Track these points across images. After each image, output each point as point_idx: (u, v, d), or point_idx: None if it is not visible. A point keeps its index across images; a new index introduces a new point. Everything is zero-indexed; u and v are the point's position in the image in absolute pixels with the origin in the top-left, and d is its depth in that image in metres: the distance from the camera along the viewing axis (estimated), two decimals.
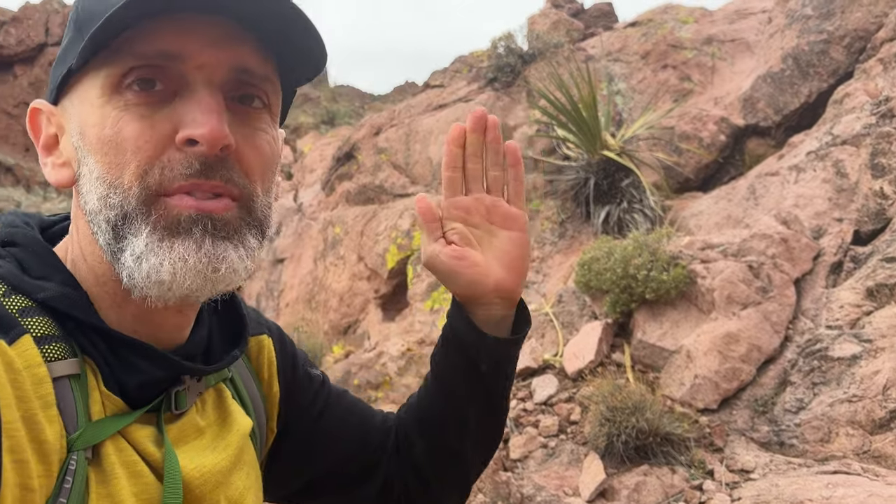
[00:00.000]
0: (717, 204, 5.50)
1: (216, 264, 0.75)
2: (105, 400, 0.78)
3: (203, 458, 0.86)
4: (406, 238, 6.09)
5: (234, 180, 0.77)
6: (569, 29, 7.62)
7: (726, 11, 7.20)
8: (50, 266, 0.81)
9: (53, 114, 0.83)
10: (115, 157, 0.75)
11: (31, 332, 0.74)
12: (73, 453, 0.73)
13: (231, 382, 1.00)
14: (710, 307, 4.19)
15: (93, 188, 0.76)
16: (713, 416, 3.80)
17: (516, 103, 6.79)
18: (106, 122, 0.75)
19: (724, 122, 6.16)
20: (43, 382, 0.72)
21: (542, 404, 3.94)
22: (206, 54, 0.76)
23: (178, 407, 0.86)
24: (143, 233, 0.74)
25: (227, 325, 0.98)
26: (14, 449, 0.67)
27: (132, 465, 0.78)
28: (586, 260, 4.54)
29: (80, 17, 0.79)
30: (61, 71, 0.80)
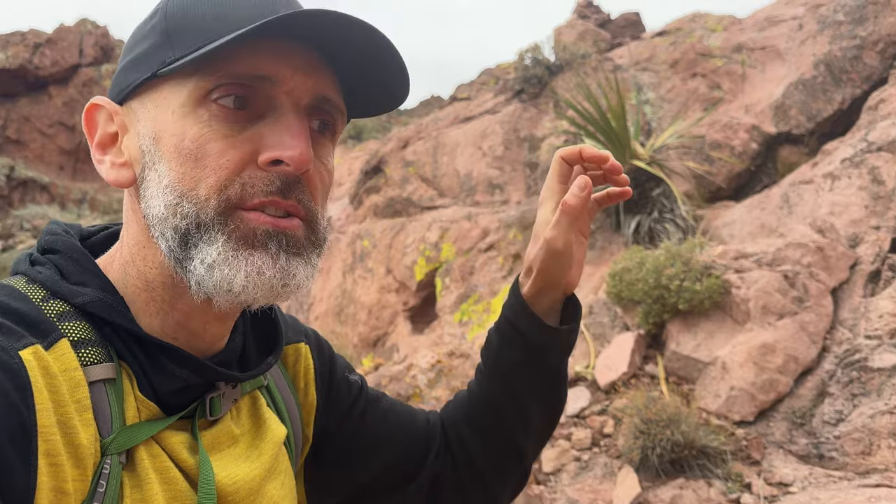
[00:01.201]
0: (750, 213, 5.42)
1: (287, 280, 0.77)
2: (140, 405, 0.79)
3: (236, 468, 0.86)
4: (434, 250, 6.08)
5: (304, 202, 0.80)
6: (596, 39, 7.59)
7: (756, 19, 7.12)
8: (88, 272, 0.82)
9: (117, 113, 0.83)
10: (193, 169, 0.76)
11: (69, 337, 0.75)
12: (108, 457, 0.73)
13: (266, 390, 1.00)
14: (746, 317, 4.12)
15: (160, 195, 0.77)
16: (750, 428, 3.73)
17: (543, 114, 6.77)
18: (187, 133, 0.76)
19: (755, 130, 6.09)
20: (79, 386, 0.73)
21: (575, 417, 3.89)
22: (296, 80, 0.78)
23: (212, 413, 0.86)
24: (218, 242, 0.75)
25: (262, 332, 0.98)
26: (50, 452, 0.67)
27: (165, 470, 0.78)
28: (617, 270, 4.49)
29: (171, 26, 0.79)
30: (139, 75, 0.80)
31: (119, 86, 0.83)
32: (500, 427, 1.12)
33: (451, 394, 4.36)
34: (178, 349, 0.81)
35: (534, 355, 1.07)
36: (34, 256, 0.84)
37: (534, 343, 1.06)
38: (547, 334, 1.06)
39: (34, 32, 24.51)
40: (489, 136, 6.78)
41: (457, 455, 1.14)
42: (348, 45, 0.79)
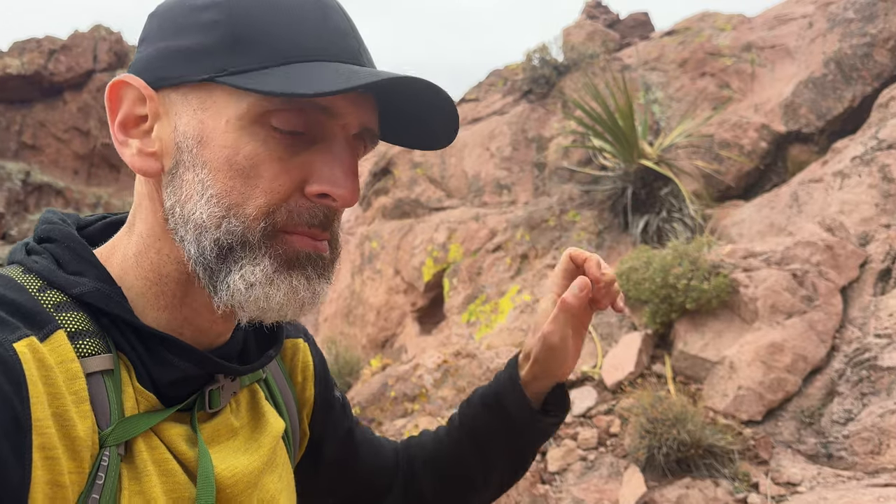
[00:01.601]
0: (759, 212, 5.39)
1: (315, 298, 0.80)
2: (138, 396, 0.78)
3: (235, 460, 0.86)
4: (442, 251, 6.08)
5: (334, 228, 0.82)
6: (604, 39, 7.57)
7: (765, 17, 7.08)
8: (85, 262, 0.81)
9: (152, 98, 0.80)
10: (242, 185, 0.75)
11: (65, 328, 0.74)
12: (106, 449, 0.73)
13: (265, 383, 1.01)
14: (754, 317, 4.09)
15: (205, 203, 0.76)
16: (758, 427, 3.70)
17: (551, 115, 6.76)
18: (240, 149, 0.75)
19: (765, 128, 6.05)
20: (76, 378, 0.72)
21: (581, 416, 3.88)
22: (351, 113, 0.79)
23: (211, 406, 0.86)
24: (263, 263, 0.76)
25: (262, 326, 0.97)
26: (45, 446, 0.67)
27: (163, 462, 0.78)
28: (624, 270, 4.47)
29: (237, 31, 0.76)
30: (192, 71, 0.77)
31: (160, 71, 0.79)
32: (459, 477, 1.18)
33: (458, 394, 4.36)
34: (177, 340, 0.80)
35: (513, 432, 1.13)
36: (30, 246, 0.83)
37: (517, 423, 1.12)
38: (532, 419, 1.12)
39: (49, 39, 24.75)
40: (497, 136, 6.77)
41: (410, 491, 1.20)
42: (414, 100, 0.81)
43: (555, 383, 1.14)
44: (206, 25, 0.77)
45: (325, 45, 0.77)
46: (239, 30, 0.76)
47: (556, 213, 5.77)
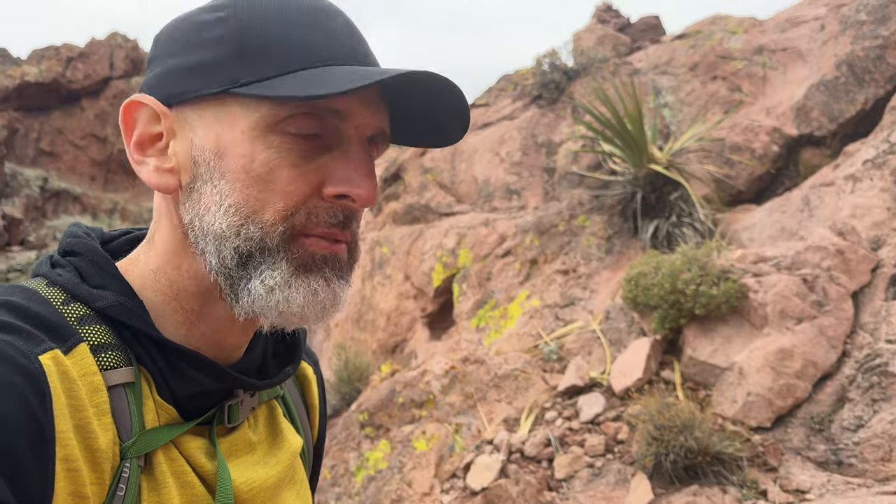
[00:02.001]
0: (770, 216, 5.35)
1: (335, 301, 0.80)
2: (159, 409, 0.79)
3: (253, 473, 0.87)
4: (451, 256, 6.08)
5: (353, 229, 0.82)
6: (615, 43, 7.55)
7: (777, 20, 7.04)
8: (108, 275, 0.82)
9: (166, 115, 0.81)
10: (260, 193, 0.76)
11: (88, 341, 0.75)
12: (127, 461, 0.74)
13: (282, 400, 1.01)
14: (763, 322, 4.06)
15: (223, 214, 0.77)
16: (767, 434, 3.67)
17: (561, 119, 6.75)
18: (257, 157, 0.76)
19: (776, 132, 6.01)
20: (98, 391, 0.73)
21: (589, 423, 3.86)
22: (364, 115, 0.79)
23: (230, 420, 0.86)
24: (280, 268, 0.77)
25: (282, 342, 0.99)
26: (67, 458, 0.68)
27: (183, 474, 0.79)
28: (633, 275, 4.45)
29: (246, 43, 0.77)
30: (204, 86, 0.78)
31: (172, 88, 0.80)
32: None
33: (465, 400, 4.36)
34: (197, 354, 0.81)
35: None
36: (55, 259, 0.84)
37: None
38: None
39: (67, 46, 25.02)
40: (507, 141, 6.77)
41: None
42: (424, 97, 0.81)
43: None
44: (215, 40, 0.78)
45: (334, 50, 0.78)
46: (248, 41, 0.77)
47: (565, 218, 5.76)
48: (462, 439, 3.85)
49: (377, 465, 3.91)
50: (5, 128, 22.60)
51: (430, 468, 3.71)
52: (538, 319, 5.02)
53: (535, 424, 3.90)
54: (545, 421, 3.92)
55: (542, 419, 3.95)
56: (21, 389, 0.65)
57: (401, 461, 3.84)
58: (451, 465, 3.66)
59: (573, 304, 5.06)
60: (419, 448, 3.82)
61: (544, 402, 4.07)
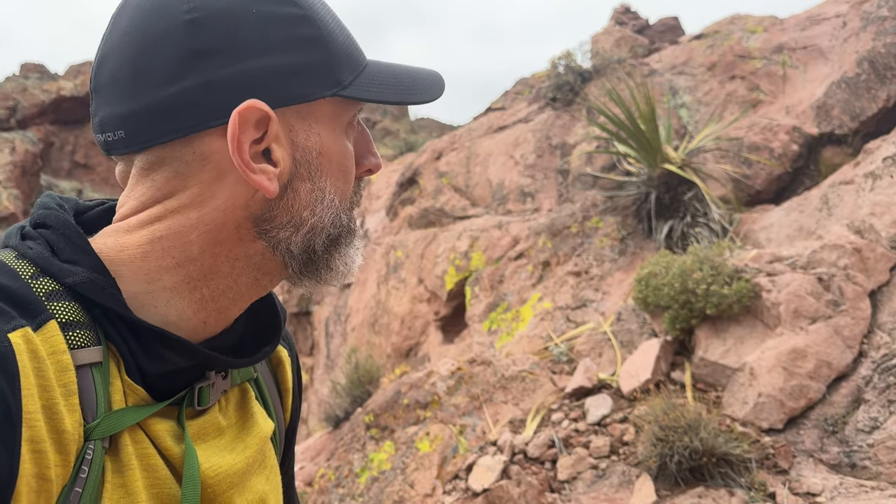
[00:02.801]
0: (788, 216, 5.23)
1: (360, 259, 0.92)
2: (127, 389, 0.77)
3: (220, 458, 0.85)
4: (464, 259, 6.05)
5: None
6: (633, 45, 7.48)
7: (798, 18, 6.92)
8: (80, 250, 0.79)
9: (274, 121, 0.78)
10: (345, 184, 0.86)
11: (57, 318, 0.73)
12: (91, 442, 0.72)
13: (255, 383, 0.99)
14: (777, 322, 3.96)
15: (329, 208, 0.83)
16: (778, 436, 3.57)
17: (576, 121, 6.69)
18: (346, 152, 0.85)
19: (796, 131, 5.89)
20: (66, 370, 0.71)
21: (596, 424, 3.79)
22: None
23: (201, 403, 0.84)
24: (356, 244, 0.89)
25: (261, 321, 0.96)
26: (33, 439, 0.66)
27: (147, 457, 0.77)
28: (643, 275, 4.38)
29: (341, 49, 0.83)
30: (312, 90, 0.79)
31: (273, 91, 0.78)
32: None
33: (471, 401, 4.31)
34: (168, 333, 0.78)
35: None
36: (25, 230, 0.81)
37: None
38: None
39: None
40: (521, 144, 6.73)
41: None
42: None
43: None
44: (308, 41, 0.80)
45: (360, 48, 0.88)
46: (332, 43, 0.82)
47: (578, 220, 5.69)
48: (466, 440, 3.80)
49: (381, 466, 3.88)
50: (42, 141, 23.15)
51: (433, 469, 3.67)
52: (549, 321, 4.96)
53: (541, 426, 3.84)
54: (551, 422, 3.86)
55: (549, 420, 3.89)
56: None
57: (404, 462, 3.80)
58: (454, 467, 3.62)
59: (585, 305, 4.99)
60: (423, 449, 3.78)
61: (551, 404, 4.02)
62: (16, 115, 22.96)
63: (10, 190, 19.63)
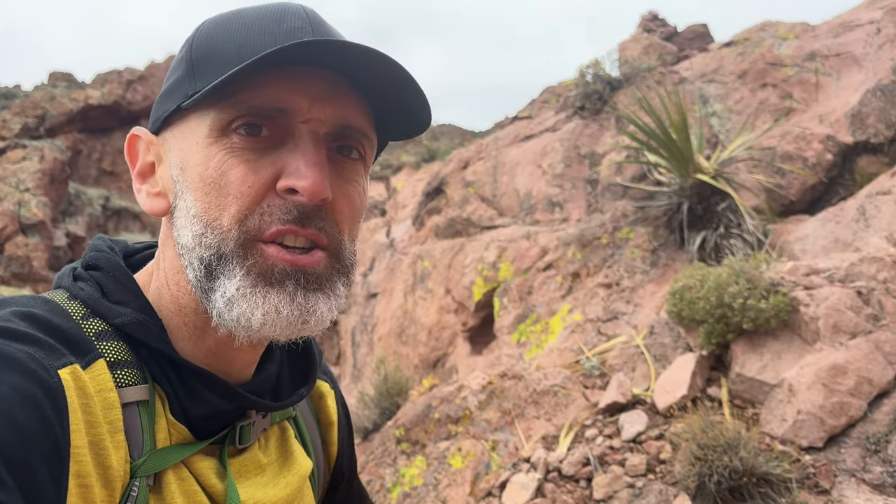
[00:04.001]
0: (823, 227, 5.14)
1: (306, 316, 0.77)
2: (171, 428, 0.80)
3: (262, 494, 0.87)
4: (492, 270, 6.01)
5: (327, 230, 0.79)
6: (661, 52, 7.41)
7: (830, 25, 6.81)
8: (129, 292, 0.83)
9: (153, 143, 0.85)
10: (216, 198, 0.77)
11: (106, 357, 0.76)
12: (136, 479, 0.74)
13: (294, 422, 1.02)
14: (815, 337, 3.87)
15: (188, 224, 0.78)
16: (818, 454, 3.49)
17: (605, 130, 6.63)
18: (210, 162, 0.77)
19: (830, 140, 5.79)
20: (113, 408, 0.73)
21: (631, 442, 3.73)
22: (315, 109, 0.78)
23: (241, 441, 0.87)
24: (236, 276, 0.76)
25: (296, 363, 0.99)
26: (80, 474, 0.68)
27: (192, 494, 0.79)
28: (678, 289, 4.31)
29: (195, 58, 0.81)
30: (168, 106, 0.82)
31: (153, 116, 0.85)
32: None
33: (503, 416, 4.26)
34: (212, 375, 0.81)
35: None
36: (77, 272, 0.85)
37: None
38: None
39: (129, 70, 25.87)
40: (549, 153, 6.68)
41: None
42: (365, 71, 0.79)
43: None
44: (178, 63, 0.83)
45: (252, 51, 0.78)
46: (197, 57, 0.80)
47: (608, 231, 5.63)
48: (499, 456, 3.76)
49: (412, 481, 3.85)
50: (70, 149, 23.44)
51: (466, 486, 3.64)
52: (580, 334, 4.91)
53: (575, 442, 3.79)
54: (585, 439, 3.81)
55: (582, 437, 3.83)
56: (40, 402, 0.65)
57: (436, 478, 3.77)
58: (487, 483, 3.58)
59: (616, 318, 4.93)
60: (455, 465, 3.75)
61: (584, 420, 3.96)
62: (44, 124, 23.28)
63: (38, 197, 19.88)
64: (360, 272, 8.04)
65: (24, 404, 0.64)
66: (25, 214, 19.20)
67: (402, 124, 0.88)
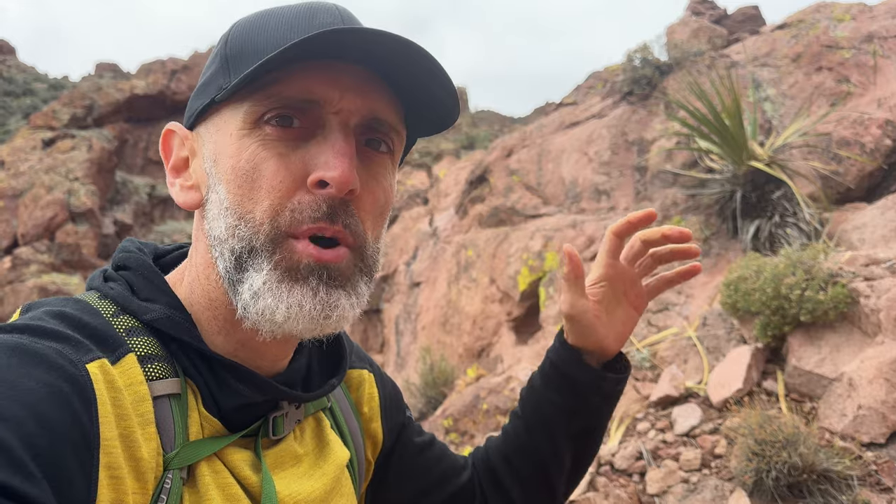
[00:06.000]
0: (883, 215, 4.96)
1: (328, 311, 0.77)
2: (203, 421, 0.81)
3: (298, 485, 0.87)
4: (538, 260, 5.93)
5: (352, 227, 0.79)
6: (711, 36, 7.23)
7: (889, 5, 6.56)
8: (157, 289, 0.85)
9: (188, 138, 0.87)
10: (249, 190, 0.77)
11: (136, 352, 0.77)
12: (169, 472, 0.75)
13: (330, 412, 1.03)
14: (876, 330, 3.75)
15: (221, 216, 0.79)
16: (880, 451, 3.38)
17: (654, 116, 6.49)
18: (243, 154, 0.78)
19: (889, 125, 5.59)
20: (143, 401, 0.74)
21: (684, 436, 3.66)
22: (345, 100, 0.79)
23: (275, 433, 0.88)
24: (264, 270, 0.76)
25: (327, 354, 1.00)
26: (111, 465, 0.68)
27: (227, 487, 0.80)
28: (732, 279, 4.20)
29: (230, 53, 0.82)
30: (202, 101, 0.84)
31: (188, 111, 0.87)
32: (535, 469, 1.16)
33: None
34: (242, 367, 0.82)
35: (576, 397, 1.10)
36: (108, 273, 0.88)
37: (580, 385, 1.10)
38: (595, 377, 1.10)
39: (172, 60, 26.21)
40: (595, 140, 6.56)
41: (493, 499, 1.19)
42: (395, 61, 0.79)
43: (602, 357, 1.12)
44: (213, 58, 0.85)
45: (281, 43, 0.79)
46: (232, 51, 0.82)
47: (658, 219, 5.53)
48: None
49: None
50: (116, 138, 23.89)
51: None
52: None
53: (626, 436, 3.73)
54: (637, 432, 3.74)
55: (634, 430, 3.77)
56: (68, 396, 0.66)
57: None
58: None
59: (667, 309, 4.84)
60: None
61: (636, 413, 3.89)
62: (92, 114, 23.73)
63: (87, 186, 20.31)
64: (403, 261, 8.03)
65: (50, 398, 0.64)
66: (75, 203, 19.63)
67: (431, 118, 0.88)
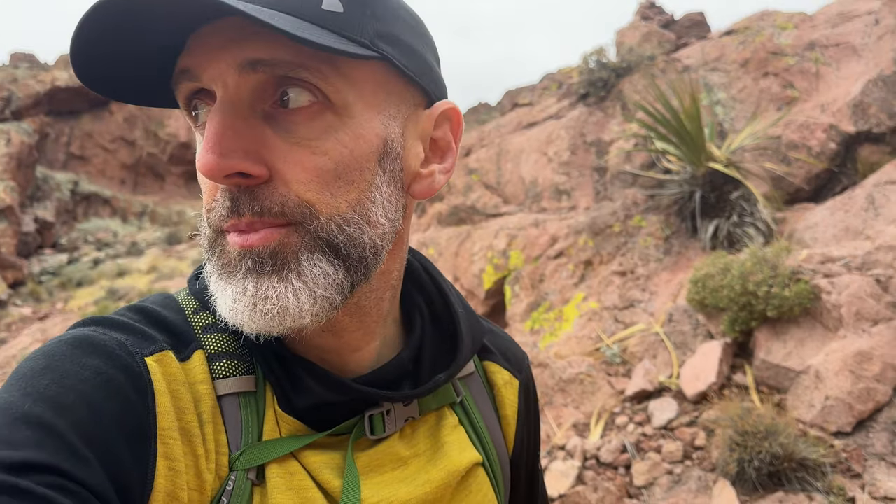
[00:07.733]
0: (833, 215, 5.23)
1: (262, 305, 0.66)
2: (280, 420, 0.75)
3: (392, 492, 0.78)
4: (502, 258, 6.01)
5: (271, 208, 0.65)
6: (660, 40, 7.45)
7: (828, 14, 6.90)
8: None
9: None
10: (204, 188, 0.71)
11: (206, 348, 0.74)
12: (233, 473, 0.70)
13: (461, 407, 0.90)
14: (838, 324, 3.95)
15: None
16: (848, 439, 3.57)
17: (610, 118, 6.65)
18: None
19: (833, 129, 5.88)
20: (205, 398, 0.71)
21: (663, 429, 3.78)
22: (213, 62, 0.64)
23: (374, 432, 0.79)
24: (214, 273, 0.70)
25: (443, 345, 0.88)
26: (169, 456, 0.66)
27: (303, 490, 0.73)
28: (699, 277, 4.36)
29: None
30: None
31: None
32: None
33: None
34: (312, 364, 0.75)
35: None
36: (199, 270, 0.84)
37: None
38: None
39: None
40: (554, 141, 6.69)
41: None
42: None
43: None
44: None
45: None
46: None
47: (620, 219, 5.67)
48: None
49: None
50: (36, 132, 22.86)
51: None
52: (597, 322, 4.94)
53: (606, 430, 3.83)
54: (616, 426, 3.84)
55: (613, 424, 3.87)
56: (121, 385, 0.64)
57: None
58: None
59: (633, 306, 4.98)
60: None
61: (613, 407, 4.00)
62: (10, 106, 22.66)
63: (6, 182, 19.39)
64: None
65: (103, 386, 0.63)
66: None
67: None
